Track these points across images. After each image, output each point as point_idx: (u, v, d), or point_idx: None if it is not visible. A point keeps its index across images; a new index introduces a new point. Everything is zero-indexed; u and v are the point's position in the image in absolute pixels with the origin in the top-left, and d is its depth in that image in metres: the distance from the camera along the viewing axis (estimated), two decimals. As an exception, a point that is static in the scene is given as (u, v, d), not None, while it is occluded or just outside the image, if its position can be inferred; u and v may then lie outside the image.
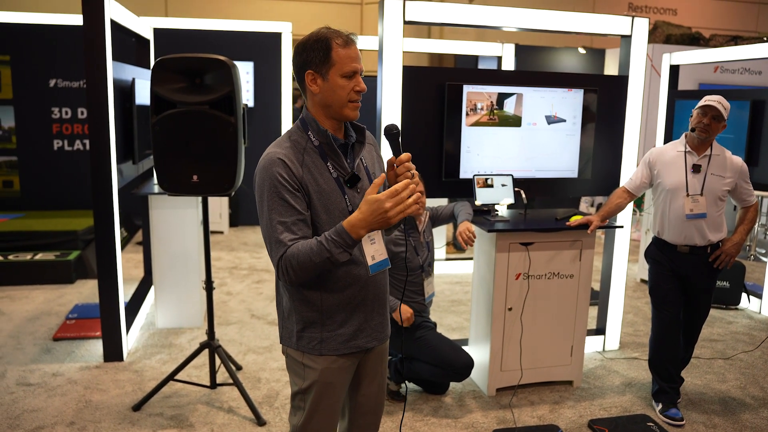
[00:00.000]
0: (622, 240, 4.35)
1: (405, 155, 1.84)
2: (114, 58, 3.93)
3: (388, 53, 3.68)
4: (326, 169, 1.92)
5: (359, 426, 2.21)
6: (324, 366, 1.99)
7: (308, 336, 1.99)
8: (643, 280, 6.31)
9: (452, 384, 3.85)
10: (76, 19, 5.75)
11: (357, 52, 1.90)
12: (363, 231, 1.76)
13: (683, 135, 3.54)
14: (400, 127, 1.99)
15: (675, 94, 6.03)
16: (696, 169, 3.44)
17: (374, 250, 1.96)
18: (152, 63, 3.87)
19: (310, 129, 1.94)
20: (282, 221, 1.83)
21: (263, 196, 1.87)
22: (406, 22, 3.70)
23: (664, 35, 10.53)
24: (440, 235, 6.53)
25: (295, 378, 2.07)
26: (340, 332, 1.98)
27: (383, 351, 2.18)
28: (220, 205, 7.84)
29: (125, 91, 4.29)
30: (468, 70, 5.19)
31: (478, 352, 3.83)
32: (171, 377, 3.59)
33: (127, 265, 6.33)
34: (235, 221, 8.27)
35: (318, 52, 1.87)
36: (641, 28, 4.14)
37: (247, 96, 7.77)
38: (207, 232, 3.64)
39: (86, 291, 5.55)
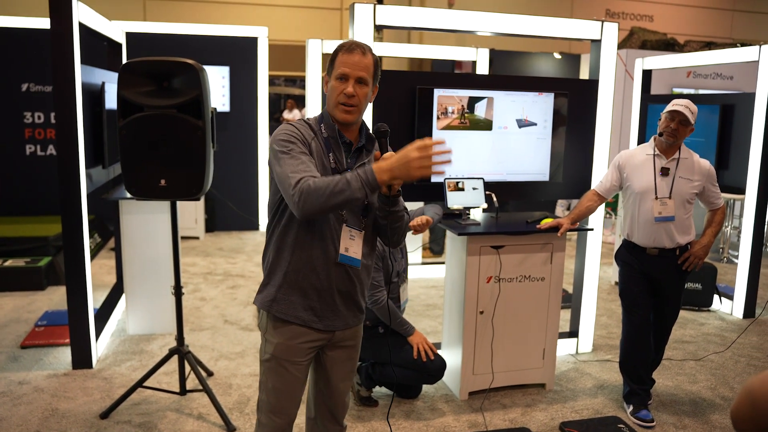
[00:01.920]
0: (593, 243, 4.38)
1: (388, 154, 1.97)
2: (83, 62, 3.89)
3: (359, 57, 3.67)
4: (328, 158, 2.10)
5: (324, 425, 2.38)
6: (279, 341, 2.17)
7: (267, 291, 2.19)
8: (617, 283, 6.35)
9: (424, 388, 3.84)
10: (46, 23, 5.69)
11: (356, 59, 2.05)
12: (386, 175, 1.88)
13: (652, 138, 3.58)
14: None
15: (647, 98, 6.10)
16: (664, 172, 3.48)
17: (351, 244, 2.13)
18: (122, 67, 3.83)
19: (323, 122, 2.14)
20: (300, 163, 1.97)
21: (278, 146, 2.02)
22: (377, 27, 3.70)
23: (640, 41, 10.64)
24: (415, 238, 6.52)
25: (261, 350, 2.27)
26: (292, 299, 2.15)
27: (347, 354, 2.32)
28: (195, 211, 7.77)
29: (95, 95, 4.24)
30: (439, 73, 5.21)
31: (451, 356, 3.83)
32: (139, 384, 3.54)
33: (99, 271, 6.25)
34: (211, 227, 8.21)
35: (331, 57, 2.11)
36: (611, 32, 4.18)
37: (223, 100, 7.73)
38: (176, 237, 3.59)
39: (57, 298, 5.47)
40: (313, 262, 2.11)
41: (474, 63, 6.62)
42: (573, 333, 4.54)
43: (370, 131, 2.20)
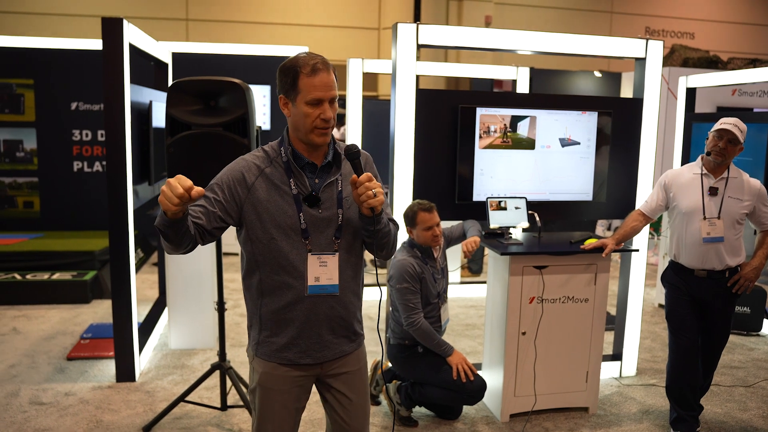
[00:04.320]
0: (638, 263, 4.29)
1: (365, 176, 1.90)
2: (132, 82, 4.00)
3: (402, 76, 3.70)
4: (288, 184, 2.01)
5: None
6: (264, 371, 2.10)
7: (252, 335, 2.15)
8: (661, 305, 6.21)
9: (465, 409, 3.79)
10: (97, 44, 5.87)
11: (325, 79, 1.93)
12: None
13: (699, 157, 3.50)
14: (360, 148, 2.06)
15: (692, 117, 5.98)
16: (713, 191, 3.40)
17: (322, 272, 2.03)
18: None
19: (283, 145, 2.05)
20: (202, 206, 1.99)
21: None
22: (419, 46, 3.72)
23: (681, 59, 10.49)
24: (454, 257, 6.48)
25: (249, 377, 2.21)
26: (273, 340, 2.08)
27: (351, 382, 2.19)
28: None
29: (143, 113, 4.35)
30: (481, 92, 5.20)
31: (492, 377, 3.78)
32: (182, 398, 3.58)
33: (142, 286, 6.36)
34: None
35: (288, 78, 1.95)
36: (656, 50, 4.12)
37: (263, 119, 7.84)
38: (220, 254, 3.65)
39: (101, 311, 5.58)
40: (283, 299, 2.03)
41: (514, 82, 6.60)
42: (616, 356, 4.45)
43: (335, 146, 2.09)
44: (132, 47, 4.07)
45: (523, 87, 6.58)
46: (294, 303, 2.03)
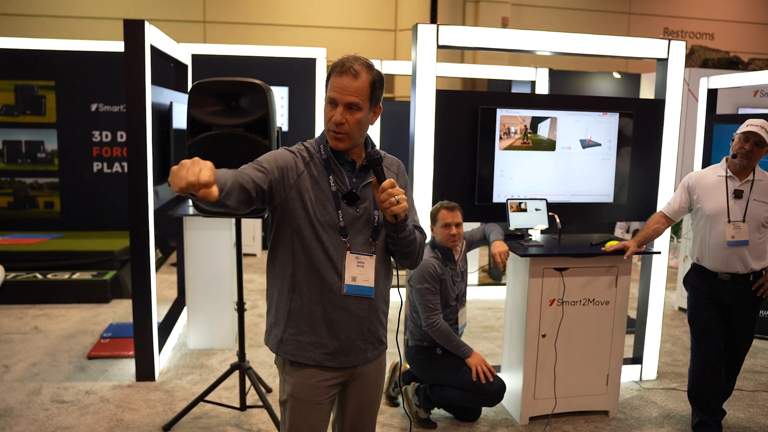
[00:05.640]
0: (659, 266, 4.25)
1: (387, 182, 1.89)
2: (153, 83, 4.02)
3: (422, 78, 3.69)
4: (327, 181, 1.99)
5: None
6: (297, 381, 2.04)
7: (274, 333, 2.07)
8: (681, 309, 6.15)
9: (484, 411, 3.78)
10: (118, 46, 5.92)
11: (346, 83, 1.91)
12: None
13: (723, 159, 3.46)
14: (386, 154, 2.07)
15: (713, 119, 5.92)
16: (738, 194, 3.36)
17: (359, 272, 1.99)
18: (190, 87, 3.95)
19: (322, 143, 2.04)
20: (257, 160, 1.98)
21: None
22: (439, 47, 3.71)
23: (701, 59, 10.39)
24: (472, 260, 6.46)
25: (279, 389, 2.15)
26: (299, 339, 2.02)
27: (369, 386, 2.17)
28: (253, 228, 7.91)
29: (163, 114, 4.38)
30: (501, 93, 5.18)
31: (511, 379, 3.76)
32: (201, 398, 3.59)
33: (161, 286, 6.40)
34: (267, 244, 8.32)
35: (328, 74, 1.98)
36: (678, 51, 4.08)
37: (281, 120, 7.88)
38: (240, 254, 3.66)
39: (121, 311, 5.62)
40: (316, 297, 1.98)
41: (533, 83, 6.57)
42: (636, 359, 4.40)
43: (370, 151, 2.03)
44: (153, 49, 4.10)
45: (542, 88, 6.55)
46: (327, 301, 1.99)
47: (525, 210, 3.73)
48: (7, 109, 7.07)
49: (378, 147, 2.11)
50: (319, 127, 7.24)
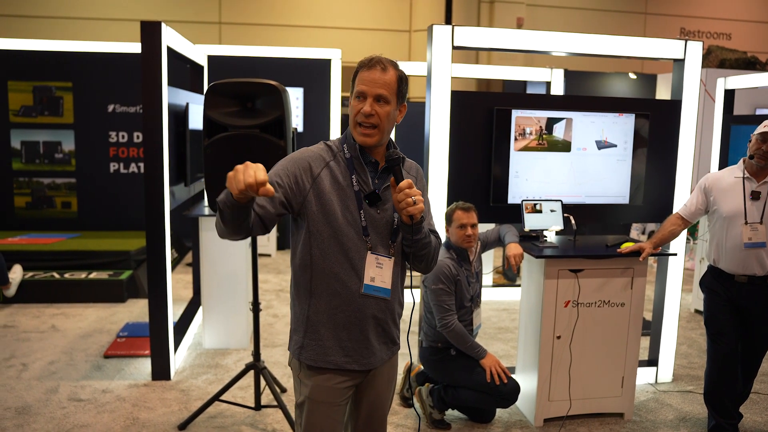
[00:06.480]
0: (675, 268, 4.22)
1: (405, 182, 1.87)
2: (169, 84, 4.06)
3: (437, 78, 3.69)
4: (350, 180, 1.98)
5: None
6: (315, 383, 2.04)
7: (294, 339, 2.08)
8: (697, 311, 6.10)
9: (498, 413, 3.77)
10: (133, 47, 5.97)
11: (375, 76, 1.92)
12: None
13: (741, 160, 3.43)
14: (405, 157, 2.05)
15: (730, 119, 5.86)
16: (755, 196, 3.33)
17: (378, 273, 1.99)
18: (206, 88, 3.99)
19: (347, 142, 2.03)
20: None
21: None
22: (454, 48, 3.71)
23: (718, 60, 10.29)
24: (487, 261, 6.45)
25: (295, 392, 2.14)
26: (320, 344, 2.02)
27: (382, 388, 2.18)
28: (267, 228, 7.94)
29: (179, 115, 4.41)
30: (517, 94, 5.17)
31: (526, 381, 3.75)
32: (216, 398, 3.61)
33: (176, 286, 6.45)
34: (282, 244, 8.36)
35: (353, 75, 1.98)
36: (695, 51, 4.05)
37: (296, 121, 7.91)
38: (255, 255, 3.68)
39: (137, 310, 5.67)
40: (335, 300, 1.98)
41: (548, 84, 6.55)
42: (652, 362, 4.37)
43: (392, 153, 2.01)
44: (169, 50, 4.14)
45: (557, 89, 6.52)
46: (345, 302, 1.99)
47: (540, 211, 3.72)
48: (25, 110, 7.15)
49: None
50: (334, 128, 7.27)
